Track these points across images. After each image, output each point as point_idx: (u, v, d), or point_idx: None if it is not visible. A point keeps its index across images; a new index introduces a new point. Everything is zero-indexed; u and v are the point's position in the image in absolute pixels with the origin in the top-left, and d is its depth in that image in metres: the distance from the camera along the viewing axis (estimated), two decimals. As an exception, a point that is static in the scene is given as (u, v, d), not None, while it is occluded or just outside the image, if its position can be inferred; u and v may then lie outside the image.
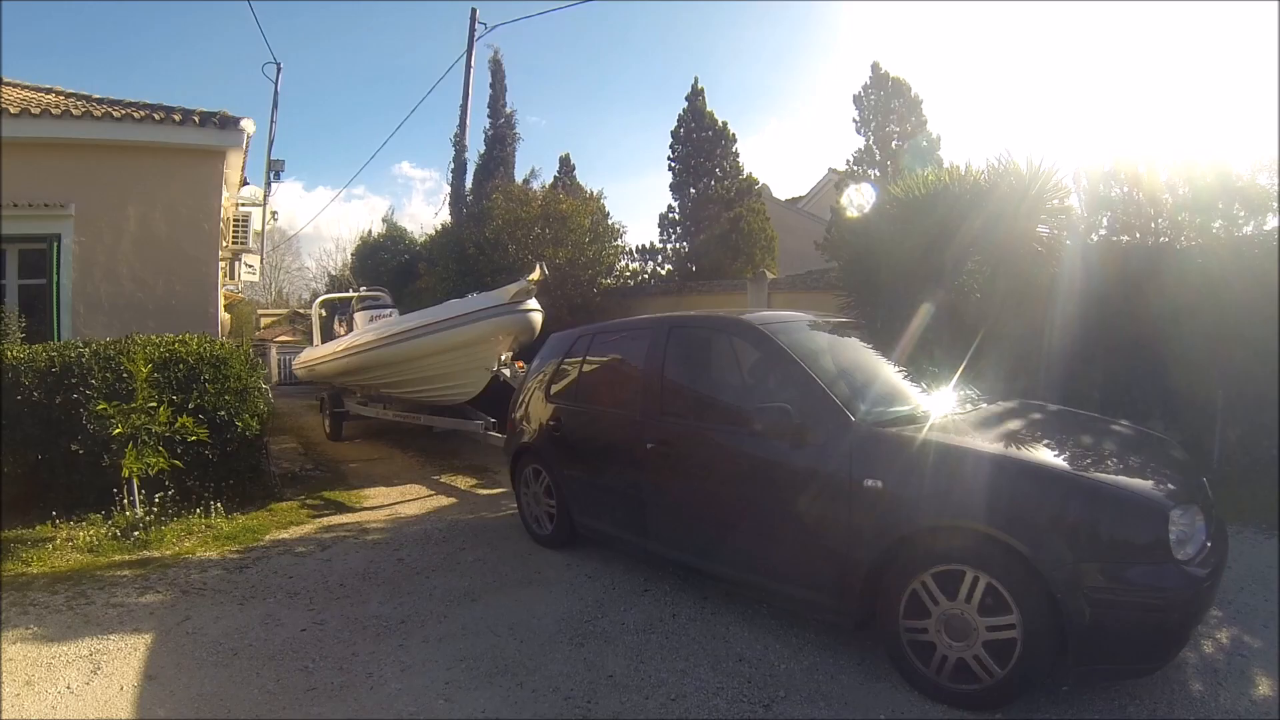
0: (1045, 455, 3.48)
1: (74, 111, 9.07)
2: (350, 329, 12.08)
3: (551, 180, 18.17)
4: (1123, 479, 3.21)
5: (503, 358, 8.44)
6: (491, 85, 19.46)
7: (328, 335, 13.83)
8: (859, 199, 9.10)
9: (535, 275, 8.30)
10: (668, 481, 4.66)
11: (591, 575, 5.12)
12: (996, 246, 5.96)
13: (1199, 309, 6.35)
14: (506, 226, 13.09)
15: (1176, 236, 6.99)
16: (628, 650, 3.91)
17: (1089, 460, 3.49)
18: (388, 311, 11.90)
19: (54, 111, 8.93)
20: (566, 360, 5.91)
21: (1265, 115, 7.32)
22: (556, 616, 4.39)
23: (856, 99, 14.45)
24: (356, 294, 13.91)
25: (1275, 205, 6.54)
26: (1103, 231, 7.47)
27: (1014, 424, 3.98)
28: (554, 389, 5.92)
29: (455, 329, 8.49)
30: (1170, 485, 3.24)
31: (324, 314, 14.91)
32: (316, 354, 13.06)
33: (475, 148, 18.93)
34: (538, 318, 8.65)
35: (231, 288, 17.67)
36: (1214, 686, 3.36)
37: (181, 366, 7.02)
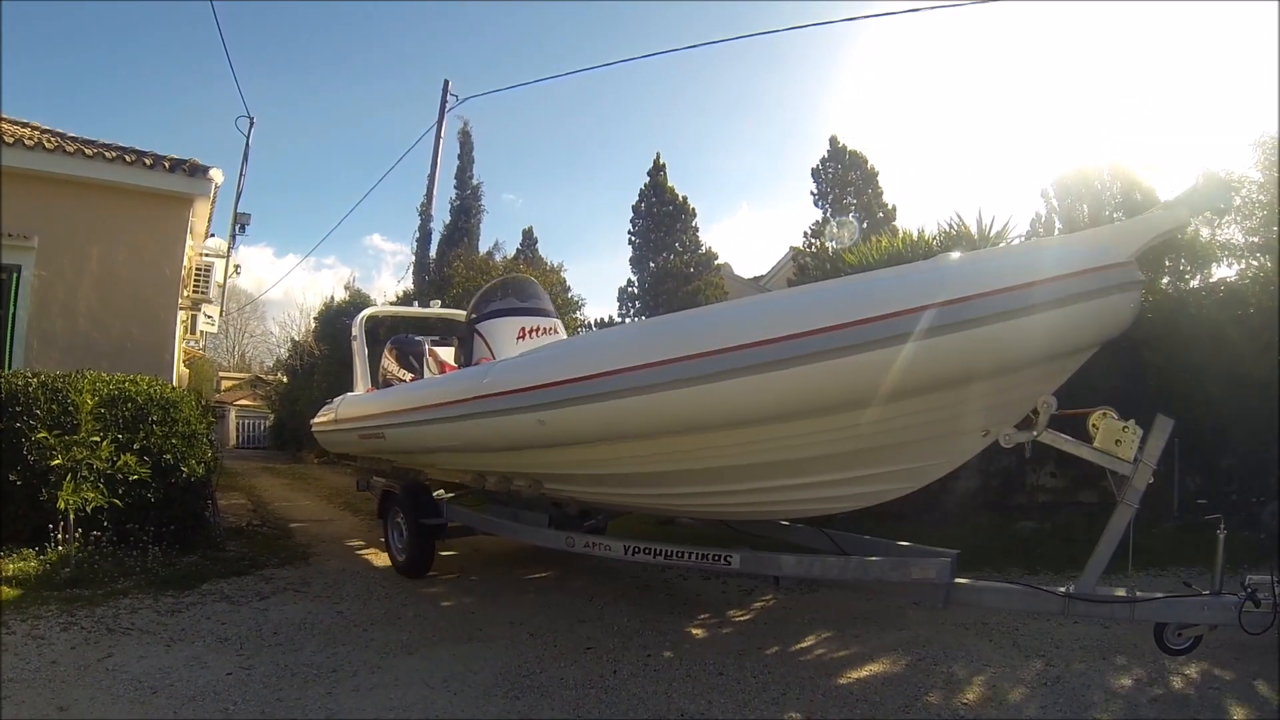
0: None
1: (46, 145, 9.05)
2: (469, 358, 6.58)
3: (514, 253, 18.44)
4: None
5: (1045, 402, 3.65)
6: (459, 157, 19.99)
7: (375, 374, 8.61)
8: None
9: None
10: None
11: (534, 633, 5.00)
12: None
13: (1150, 364, 6.54)
14: (467, 295, 13.21)
15: None
16: (565, 704, 3.80)
17: None
18: (548, 322, 6.64)
19: (27, 143, 8.91)
20: None
21: (1197, 160, 7.86)
22: (494, 671, 4.27)
23: (815, 172, 14.94)
24: (469, 309, 6.98)
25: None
26: None
27: None
28: None
29: (959, 334, 3.25)
30: None
31: (389, 344, 8.71)
32: (366, 409, 7.32)
33: (441, 218, 19.22)
34: None
35: (192, 343, 17.47)
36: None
37: (130, 405, 6.88)
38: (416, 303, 10.73)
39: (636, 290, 15.22)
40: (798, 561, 4.50)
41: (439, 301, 9.96)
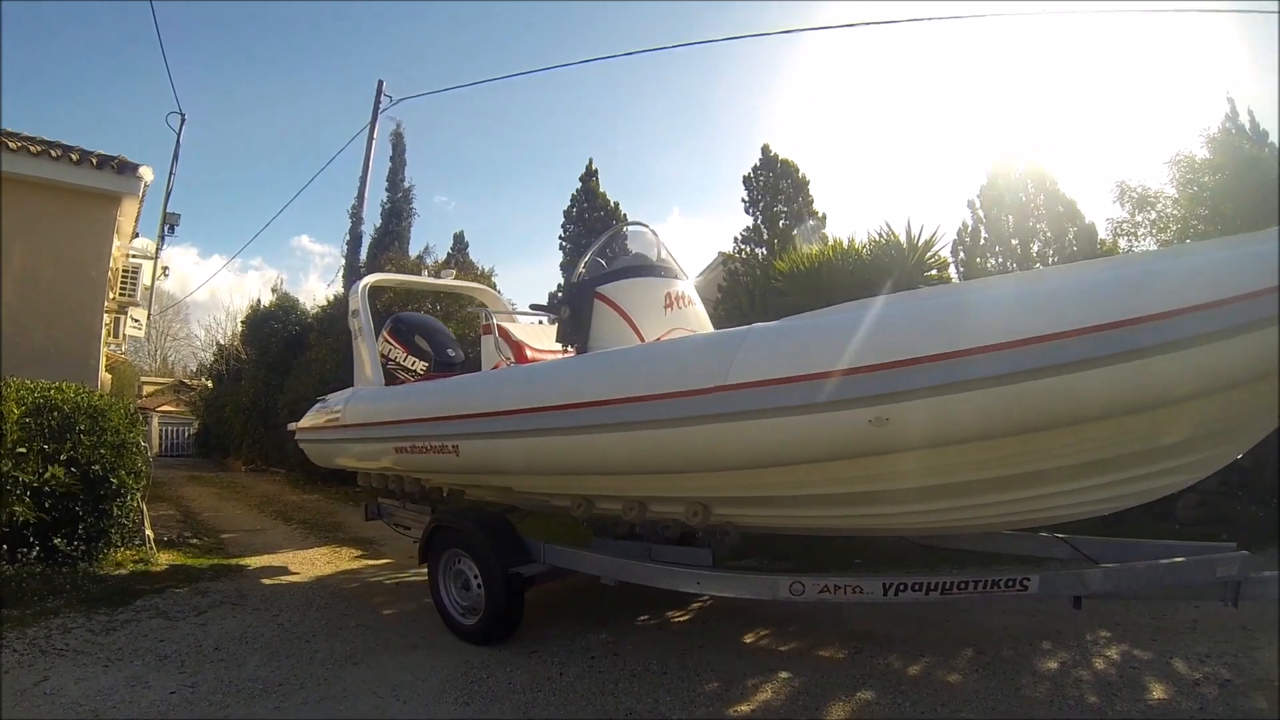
0: None
1: (-35, 139, 8.68)
2: (584, 337, 4.83)
3: (445, 257, 18.34)
4: None
5: None
6: (391, 159, 19.86)
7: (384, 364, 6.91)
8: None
9: None
10: None
11: (480, 639, 5.04)
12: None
13: None
14: (396, 299, 13.08)
15: None
16: (515, 707, 3.87)
17: None
18: (687, 287, 5.38)
19: (-56, 136, 8.54)
20: None
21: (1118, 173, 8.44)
22: (442, 677, 4.31)
23: (746, 180, 15.00)
24: (580, 269, 5.64)
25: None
26: None
27: None
28: None
29: None
30: None
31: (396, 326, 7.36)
32: (413, 409, 5.57)
33: (372, 220, 19.00)
34: None
35: (114, 347, 16.91)
36: (1109, 697, 3.76)
37: (56, 415, 6.67)
38: (428, 272, 10.15)
39: (566, 294, 15.22)
40: (1105, 577, 3.73)
41: (453, 272, 9.26)
